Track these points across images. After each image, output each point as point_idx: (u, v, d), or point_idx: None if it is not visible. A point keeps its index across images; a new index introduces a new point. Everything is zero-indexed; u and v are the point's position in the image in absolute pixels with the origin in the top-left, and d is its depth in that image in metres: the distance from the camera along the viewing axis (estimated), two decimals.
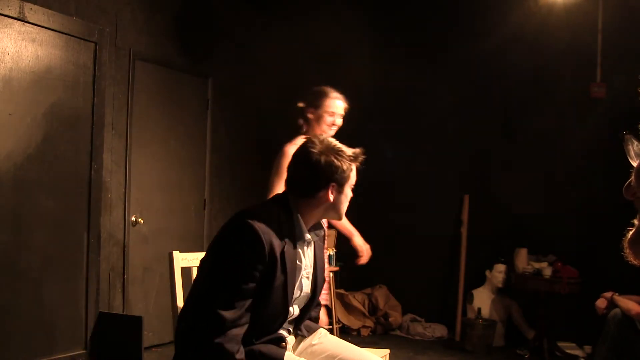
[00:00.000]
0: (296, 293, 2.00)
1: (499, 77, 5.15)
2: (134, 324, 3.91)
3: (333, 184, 1.96)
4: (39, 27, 3.70)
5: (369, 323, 5.49)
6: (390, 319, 5.55)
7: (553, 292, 4.63)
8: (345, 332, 5.31)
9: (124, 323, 4.02)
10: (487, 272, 5.20)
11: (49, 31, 3.77)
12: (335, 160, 1.95)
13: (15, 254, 3.61)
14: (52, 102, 3.81)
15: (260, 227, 1.83)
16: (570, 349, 4.68)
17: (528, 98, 5.12)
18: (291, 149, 3.03)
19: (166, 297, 2.97)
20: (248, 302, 1.83)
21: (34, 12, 3.66)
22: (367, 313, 5.52)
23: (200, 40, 4.95)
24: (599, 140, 4.63)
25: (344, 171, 1.96)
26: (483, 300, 5.15)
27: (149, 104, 4.54)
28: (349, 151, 1.99)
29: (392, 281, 5.75)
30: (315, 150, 1.95)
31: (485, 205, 5.35)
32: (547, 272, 4.68)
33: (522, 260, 4.95)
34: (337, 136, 2.27)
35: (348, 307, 5.54)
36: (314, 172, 1.95)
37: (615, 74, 4.65)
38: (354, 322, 5.46)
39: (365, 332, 5.44)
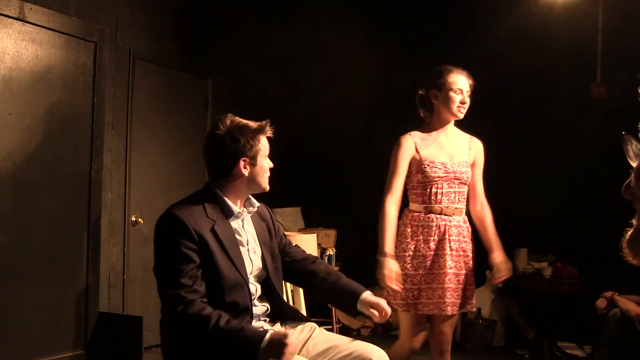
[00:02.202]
0: (248, 267, 2.07)
1: (499, 77, 5.14)
2: (134, 324, 3.91)
3: (244, 158, 2.06)
4: (39, 27, 3.70)
5: (369, 323, 5.49)
6: (390, 319, 5.54)
7: (553, 292, 4.62)
8: (345, 332, 5.30)
9: (124, 323, 4.01)
10: (487, 272, 5.18)
11: (49, 31, 3.76)
12: (240, 136, 2.05)
13: (15, 254, 3.61)
14: (52, 102, 3.81)
15: (180, 211, 1.98)
16: (570, 349, 4.67)
17: (528, 98, 5.11)
18: (407, 140, 2.90)
19: None
20: (195, 279, 1.93)
21: (34, 12, 3.66)
22: None
23: (200, 40, 4.96)
24: (599, 140, 4.62)
25: (251, 145, 2.06)
26: (483, 300, 5.14)
27: (149, 104, 4.54)
28: (254, 125, 2.10)
29: None
30: (219, 132, 2.05)
31: None
32: (547, 272, 4.68)
33: (522, 260, 4.94)
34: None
35: None
36: (224, 152, 2.05)
37: (615, 74, 4.64)
38: (354, 322, 5.46)
39: (365, 332, 5.44)
